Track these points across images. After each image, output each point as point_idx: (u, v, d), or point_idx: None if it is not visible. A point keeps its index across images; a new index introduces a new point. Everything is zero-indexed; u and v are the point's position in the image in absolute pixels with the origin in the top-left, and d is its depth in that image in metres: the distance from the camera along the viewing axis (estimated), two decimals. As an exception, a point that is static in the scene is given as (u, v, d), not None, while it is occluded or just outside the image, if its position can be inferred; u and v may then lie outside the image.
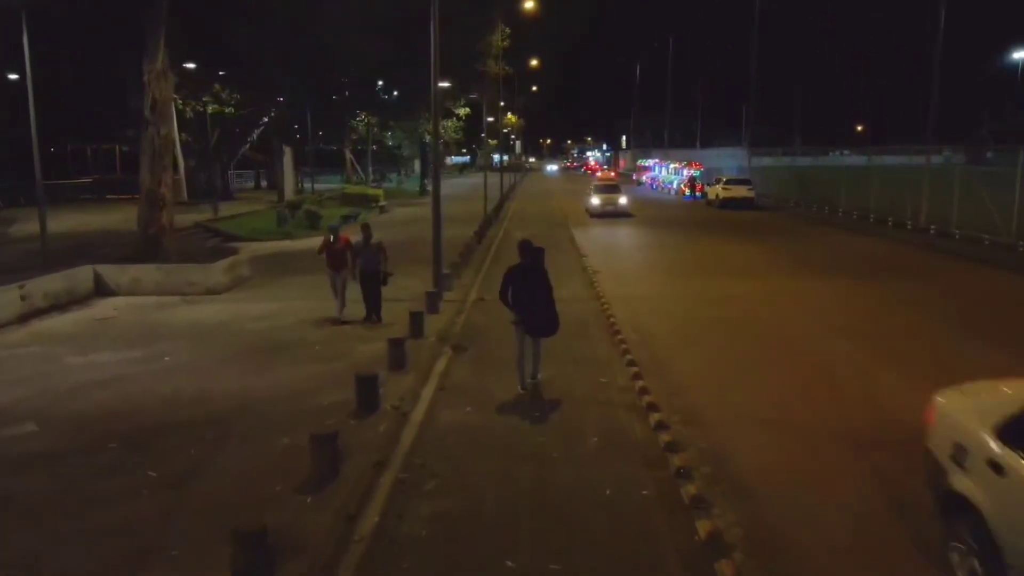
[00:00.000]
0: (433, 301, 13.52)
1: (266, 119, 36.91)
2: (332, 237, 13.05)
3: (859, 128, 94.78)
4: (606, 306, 13.91)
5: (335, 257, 12.90)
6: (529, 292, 8.89)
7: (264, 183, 51.78)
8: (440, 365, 10.29)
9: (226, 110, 30.14)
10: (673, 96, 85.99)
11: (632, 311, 13.62)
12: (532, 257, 9.07)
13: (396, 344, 10.06)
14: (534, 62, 61.92)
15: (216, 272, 15.63)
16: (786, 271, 18.29)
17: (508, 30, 40.04)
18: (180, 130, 31.82)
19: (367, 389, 8.34)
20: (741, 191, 37.39)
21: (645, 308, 13.98)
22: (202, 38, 24.94)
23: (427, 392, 9.08)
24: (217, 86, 29.52)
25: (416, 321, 11.83)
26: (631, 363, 10.08)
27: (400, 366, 10.00)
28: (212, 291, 15.44)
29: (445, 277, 15.44)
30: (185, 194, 32.70)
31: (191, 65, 26.02)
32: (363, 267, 12.67)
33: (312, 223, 27.54)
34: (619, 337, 11.44)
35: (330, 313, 13.30)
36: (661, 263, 19.99)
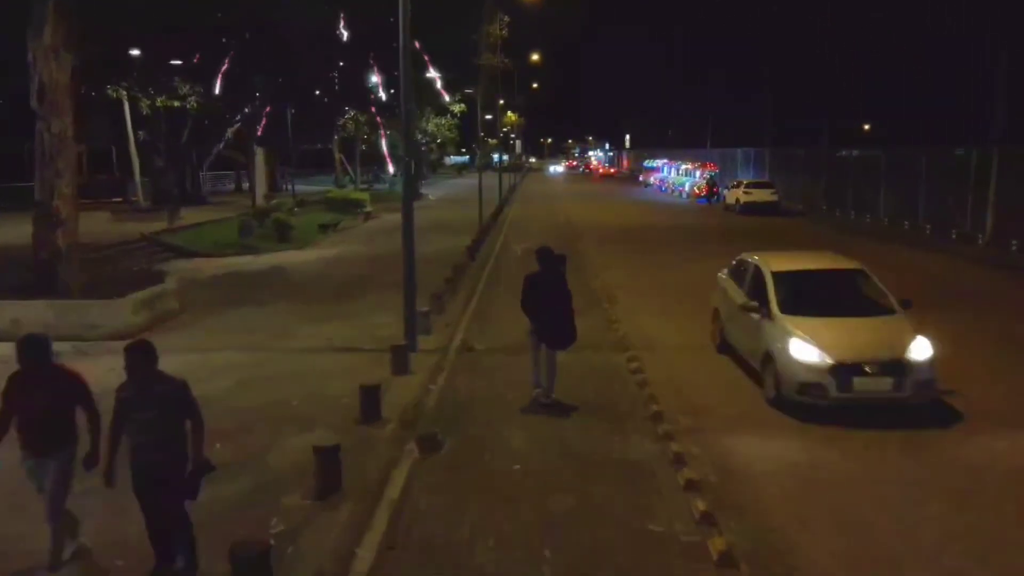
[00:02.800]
0: (401, 358, 9.94)
1: (240, 116, 33.36)
2: (26, 366, 5.18)
3: (866, 127, 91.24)
4: (634, 361, 10.33)
5: (31, 420, 5.09)
6: (547, 301, 8.43)
7: (245, 185, 48.16)
8: (396, 484, 6.71)
9: (188, 104, 26.62)
10: (679, 95, 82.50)
11: (670, 369, 10.04)
12: (553, 264, 8.64)
13: (326, 456, 6.48)
14: (535, 57, 58.40)
15: (125, 310, 12.06)
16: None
17: (507, 18, 36.48)
18: (137, 128, 28.30)
19: (251, 572, 4.76)
20: (764, 195, 33.86)
21: (686, 364, 10.40)
22: (152, 23, 21.43)
23: (365, 556, 5.49)
24: (178, 79, 25.99)
25: (369, 399, 8.25)
26: (691, 485, 6.49)
27: (331, 489, 6.43)
28: (119, 335, 11.83)
29: (423, 315, 11.89)
30: (141, 199, 29.15)
31: (135, 52, 22.49)
32: (137, 450, 4.97)
33: (282, 235, 23.96)
34: (663, 428, 7.83)
35: (279, 378, 9.77)
36: (692, 288, 16.39)
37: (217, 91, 25.52)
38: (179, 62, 24.91)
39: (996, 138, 23.25)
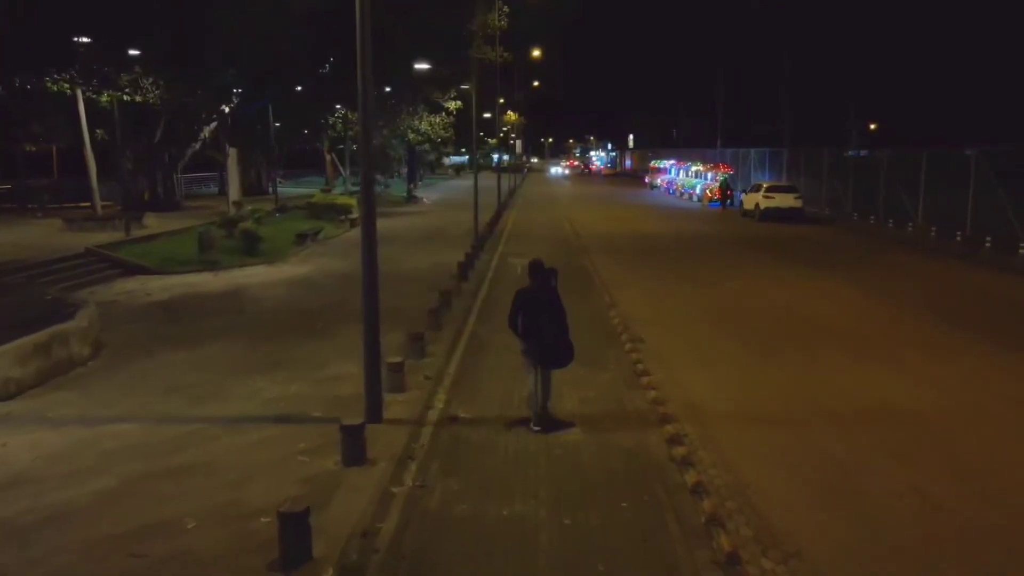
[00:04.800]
0: (355, 442, 7.12)
1: (215, 114, 30.53)
2: None
3: (872, 127, 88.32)
4: (678, 445, 7.50)
5: None
6: (540, 317, 7.85)
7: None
8: None
9: (149, 99, 23.77)
10: (686, 93, 79.67)
11: (733, 461, 7.20)
12: (544, 279, 8.05)
13: None
14: (536, 52, 55.55)
15: (2, 362, 9.22)
16: (935, 338, 11.88)
17: (506, 8, 33.51)
18: (96, 125, 25.47)
19: None
20: (788, 200, 31.09)
21: (754, 450, 7.55)
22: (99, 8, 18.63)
23: None
24: (138, 69, 23.17)
25: (292, 533, 5.43)
26: None
27: None
28: (-7, 396, 9.06)
29: (394, 368, 9.10)
30: (99, 206, 26.33)
31: (83, 39, 19.60)
32: None
33: (250, 247, 21.11)
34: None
35: (183, 473, 6.98)
36: (725, 318, 13.58)
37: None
38: (137, 52, 22.08)
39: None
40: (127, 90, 23.75)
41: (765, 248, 22.83)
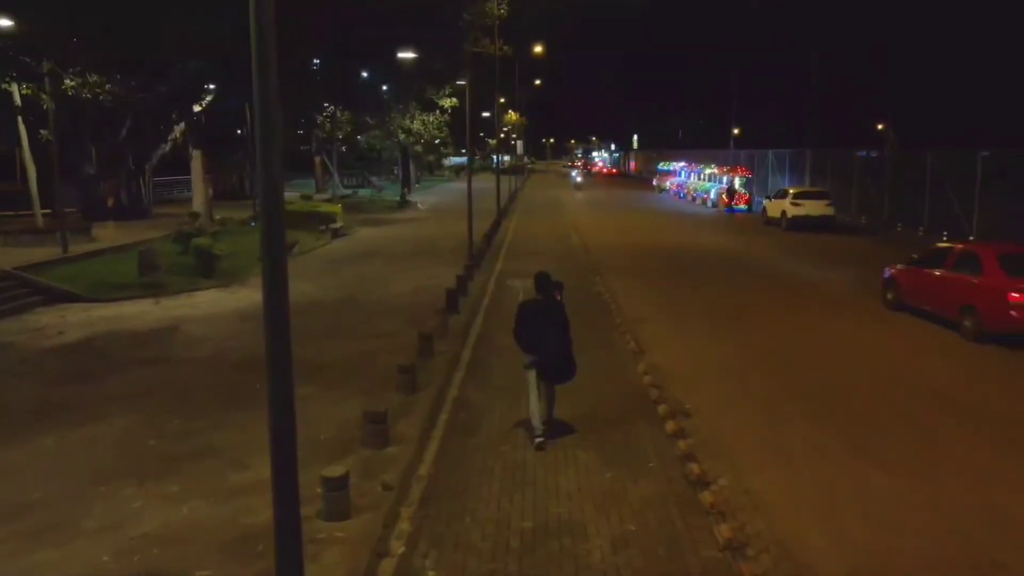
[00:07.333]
0: None
1: (183, 112, 27.44)
2: None
3: (880, 127, 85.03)
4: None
5: None
6: (544, 331, 7.70)
7: (209, 192, 42.08)
8: None
9: (99, 94, 20.65)
10: (692, 93, 76.67)
11: None
12: (549, 292, 7.94)
13: None
14: (538, 48, 52.45)
15: None
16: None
17: (507, -6, 30.34)
18: (40, 126, 22.35)
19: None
20: (819, 207, 28.01)
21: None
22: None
23: None
24: (83, 60, 20.16)
25: None
26: None
27: None
28: None
29: (334, 485, 6.04)
30: (39, 218, 23.33)
31: (6, 23, 16.47)
32: None
33: (205, 268, 17.95)
34: None
35: None
36: (788, 373, 10.48)
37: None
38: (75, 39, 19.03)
39: None
40: (70, 83, 20.67)
41: (801, 262, 19.74)
